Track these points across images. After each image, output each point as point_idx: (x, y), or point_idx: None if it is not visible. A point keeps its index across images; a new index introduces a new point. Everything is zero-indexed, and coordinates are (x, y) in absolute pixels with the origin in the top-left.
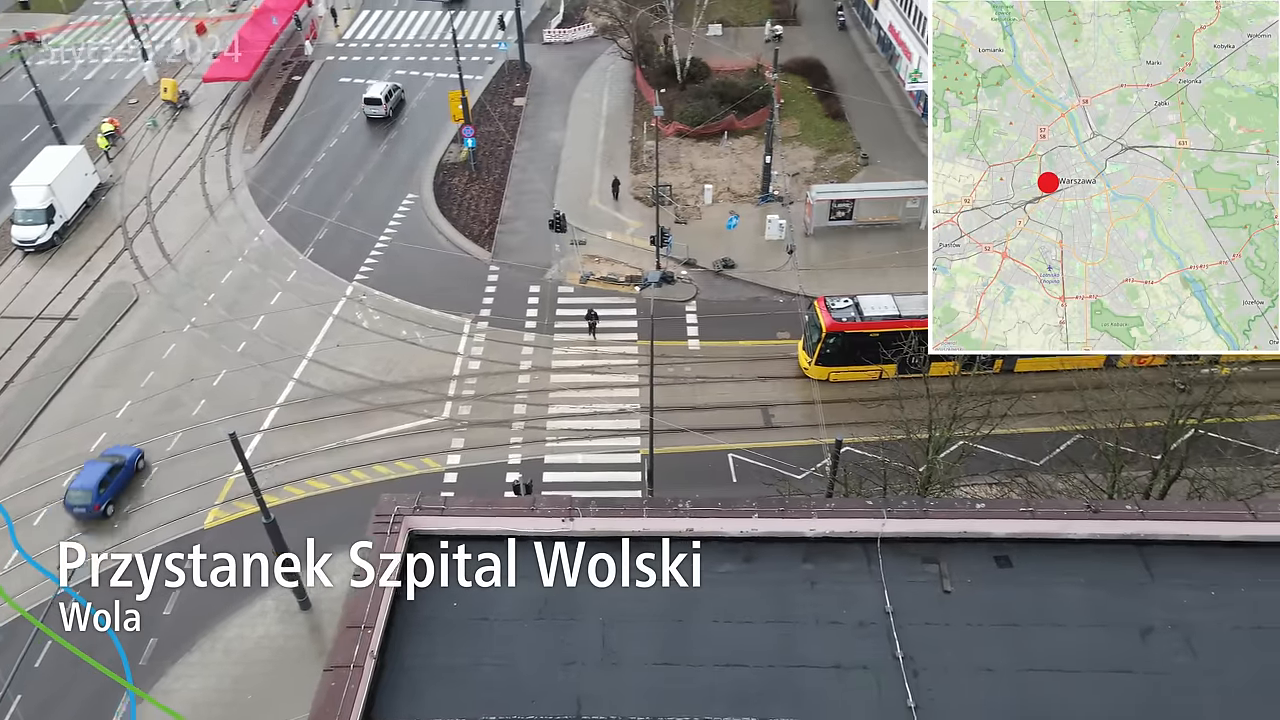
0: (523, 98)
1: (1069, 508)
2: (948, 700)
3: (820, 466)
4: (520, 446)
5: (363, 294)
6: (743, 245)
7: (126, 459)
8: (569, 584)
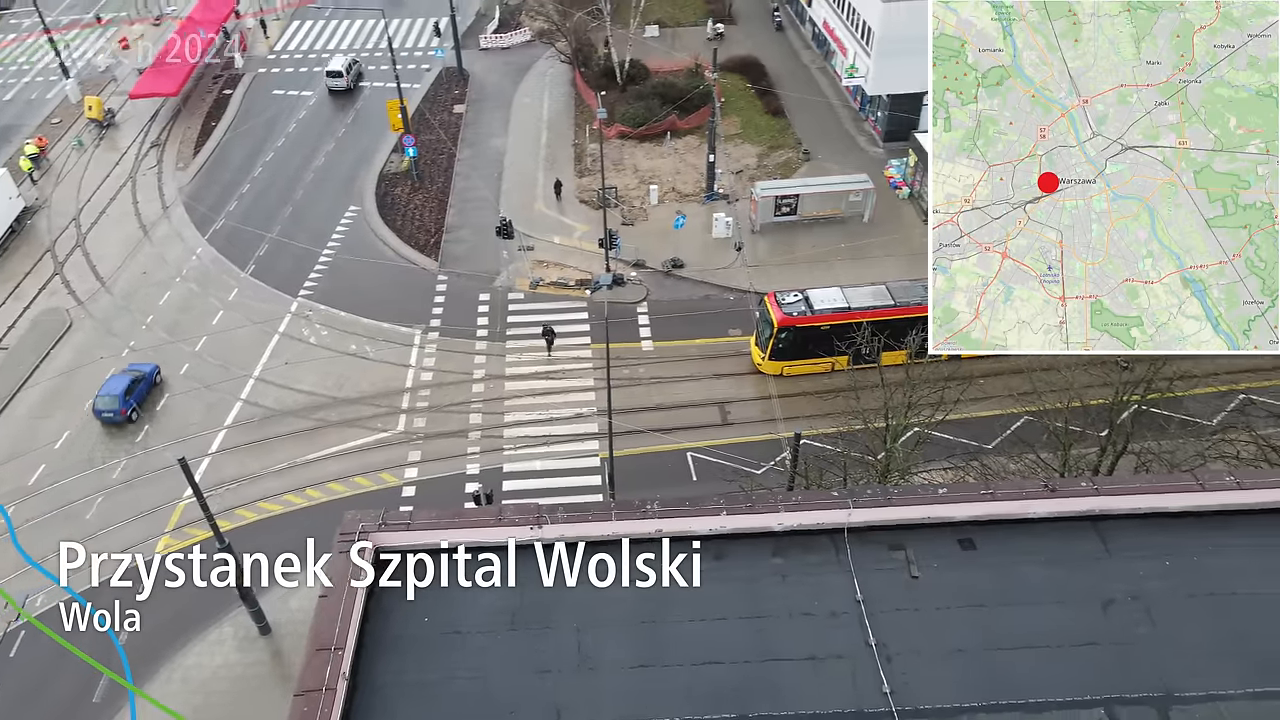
0: (462, 105)
1: (1027, 488)
2: (921, 683)
3: (780, 460)
4: (478, 456)
5: (309, 309)
6: (691, 244)
7: (146, 372)
8: (540, 592)
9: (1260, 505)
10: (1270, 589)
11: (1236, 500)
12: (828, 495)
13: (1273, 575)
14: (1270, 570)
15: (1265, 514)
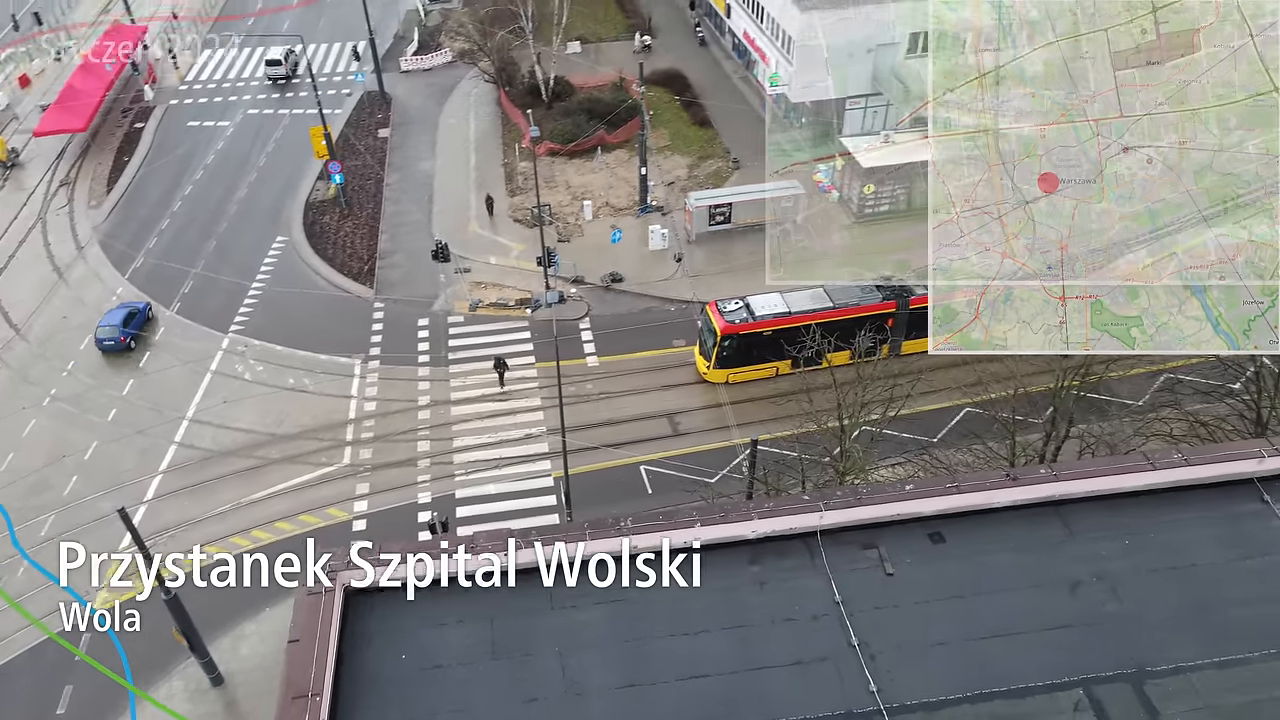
0: (387, 128)
1: (990, 479)
2: (906, 679)
3: (734, 466)
4: (429, 484)
5: (241, 345)
6: (628, 258)
7: (140, 306)
8: (519, 618)
9: (1207, 480)
10: (1224, 559)
11: (1185, 476)
12: (798, 500)
13: (1225, 546)
14: (1222, 541)
15: (1212, 488)
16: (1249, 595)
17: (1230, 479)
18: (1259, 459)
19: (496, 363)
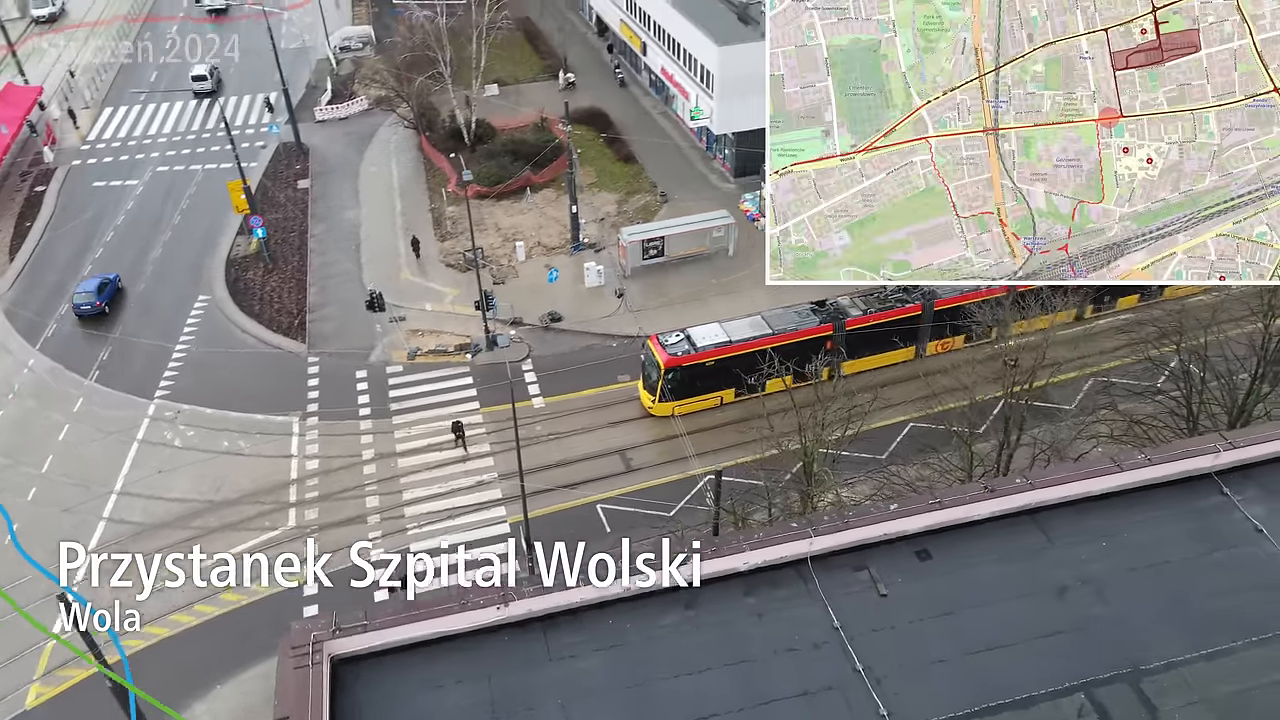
0: (306, 179)
1: (969, 492)
2: (914, 701)
3: (692, 498)
4: (381, 540)
5: (169, 410)
6: (565, 296)
7: (111, 277)
8: (516, 674)
9: (1170, 477)
10: (1195, 553)
11: (1149, 476)
12: (787, 527)
13: (1194, 540)
14: (1191, 535)
15: (1175, 484)
16: (1222, 587)
17: (1190, 475)
18: (1215, 454)
19: (454, 426)
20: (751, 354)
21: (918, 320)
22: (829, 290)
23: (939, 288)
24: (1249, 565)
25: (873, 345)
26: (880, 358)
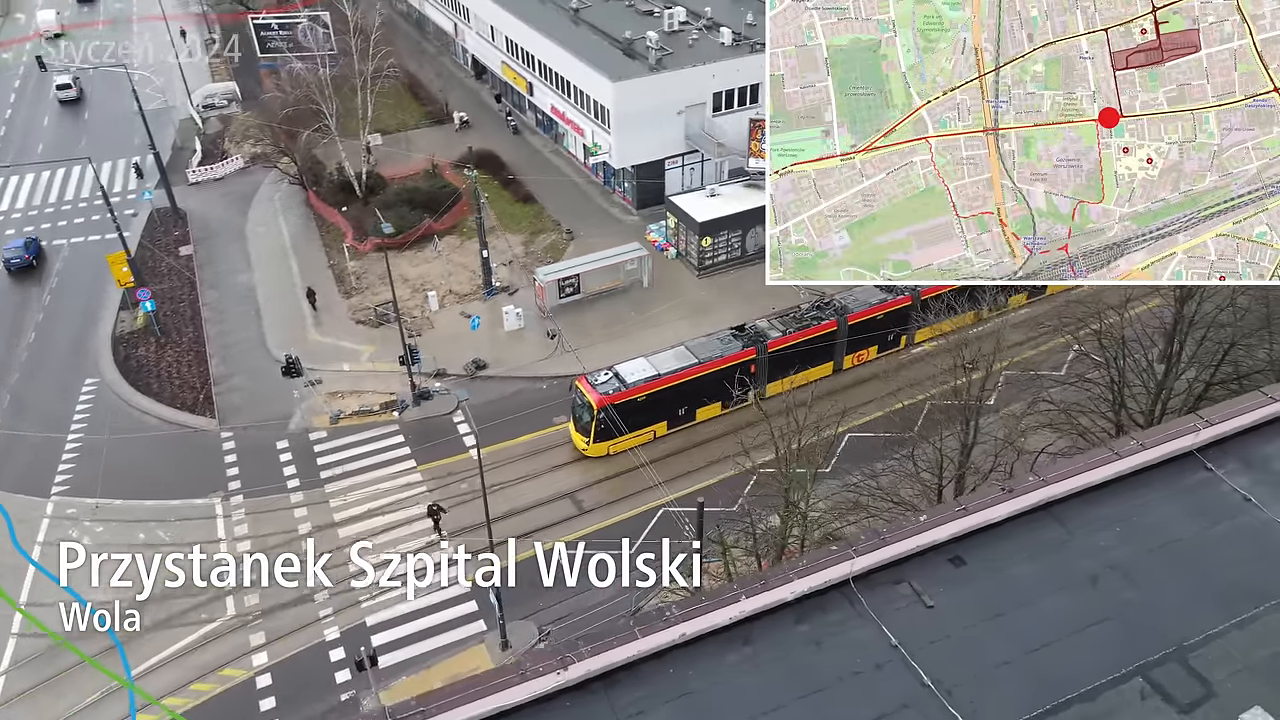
0: (188, 245)
1: (989, 495)
2: (989, 707)
3: (650, 532)
4: (334, 617)
5: (70, 508)
6: (486, 343)
7: (34, 238)
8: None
9: (1159, 459)
10: (1199, 528)
11: (1142, 460)
12: (828, 551)
13: (1194, 516)
14: (1190, 512)
15: (1163, 465)
16: (1233, 557)
17: (1175, 455)
18: (1195, 433)
19: (430, 511)
20: (681, 385)
21: (834, 336)
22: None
23: (850, 303)
24: (1248, 533)
25: (793, 365)
26: (801, 376)
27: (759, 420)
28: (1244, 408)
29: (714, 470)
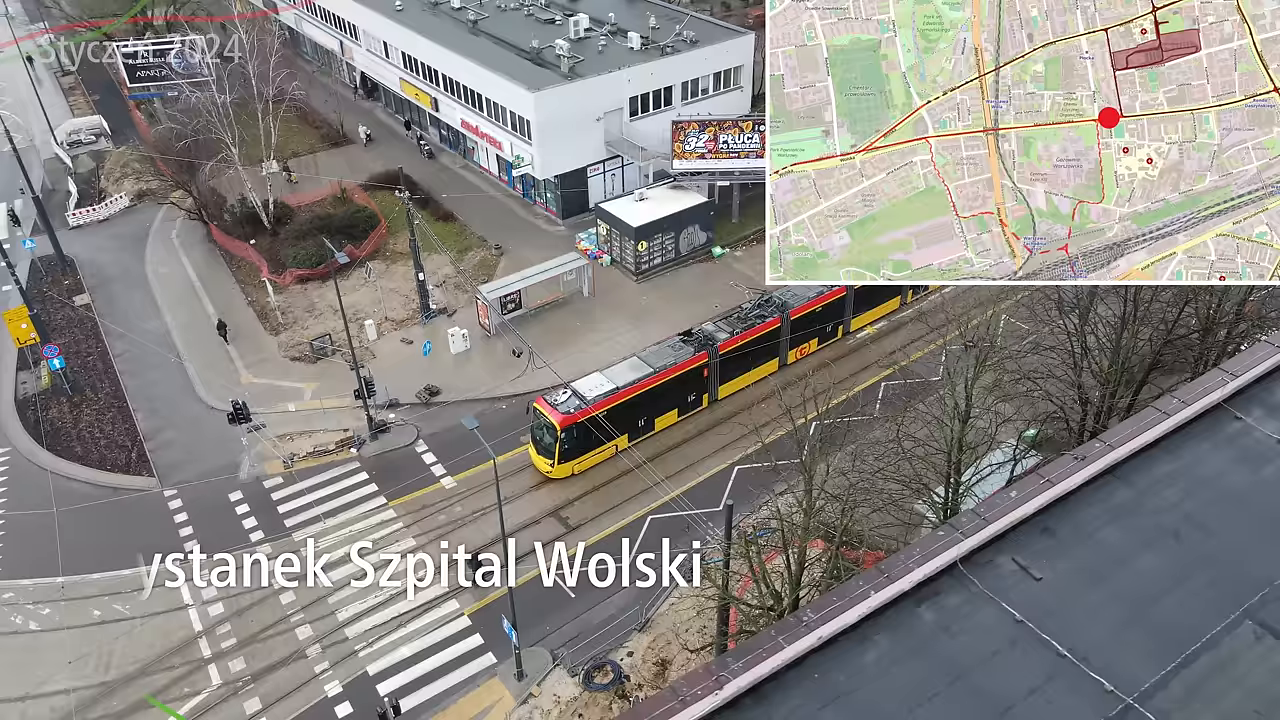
0: (83, 294)
1: (1064, 466)
2: (1126, 669)
3: (642, 541)
4: (331, 671)
5: (7, 592)
6: (433, 368)
7: None
8: None
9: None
10: (1250, 475)
11: (1183, 416)
12: (936, 536)
13: (1241, 464)
14: (1236, 461)
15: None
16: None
17: (1208, 409)
18: (1222, 386)
19: (472, 560)
20: (640, 396)
21: (778, 333)
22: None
23: (790, 299)
24: None
25: (742, 365)
26: (750, 375)
27: (720, 421)
28: (1258, 358)
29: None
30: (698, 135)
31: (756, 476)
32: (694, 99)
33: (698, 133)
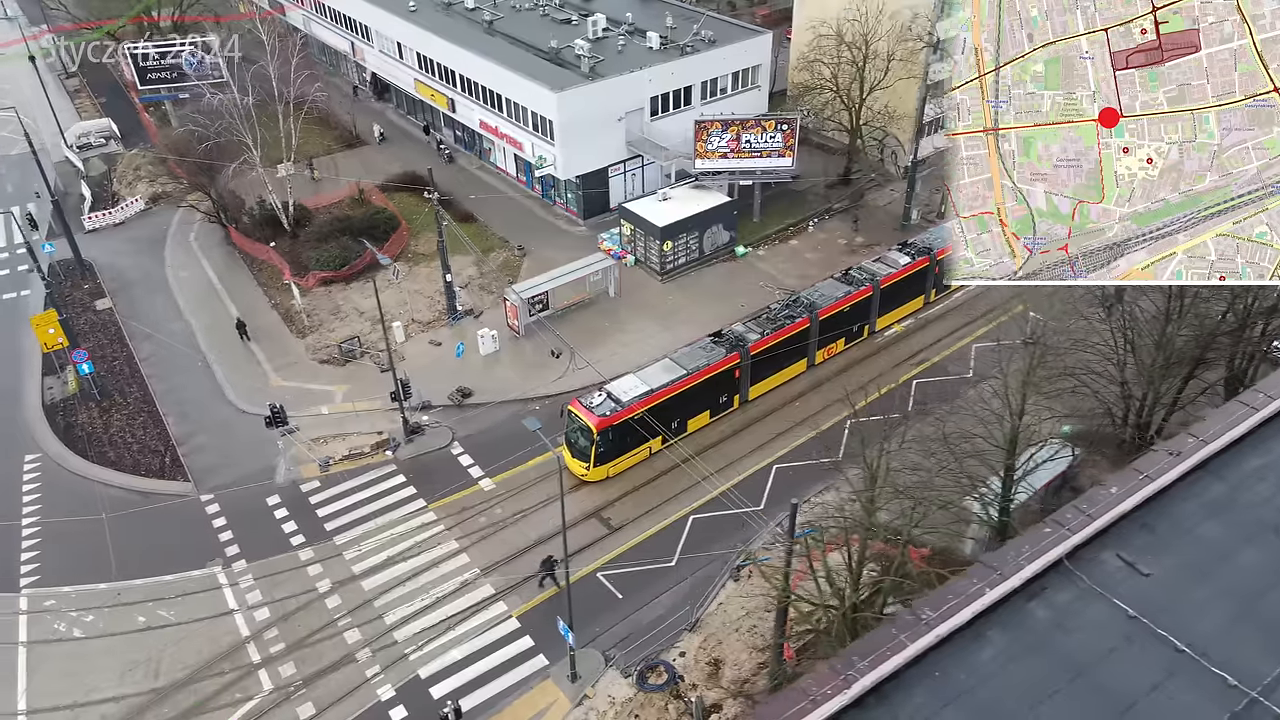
0: (105, 298)
1: (1159, 461)
2: (1246, 661)
3: (685, 544)
4: (383, 675)
5: (48, 600)
6: (462, 369)
7: None
8: None
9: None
10: None
11: (1270, 411)
12: (1040, 533)
13: None
14: None
15: None
16: None
17: None
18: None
19: (546, 563)
20: (675, 397)
21: (807, 334)
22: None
23: (818, 299)
24: None
25: (772, 365)
26: (779, 376)
27: (752, 421)
28: None
29: (727, 474)
30: (720, 134)
31: (796, 475)
32: (713, 98)
33: (720, 132)
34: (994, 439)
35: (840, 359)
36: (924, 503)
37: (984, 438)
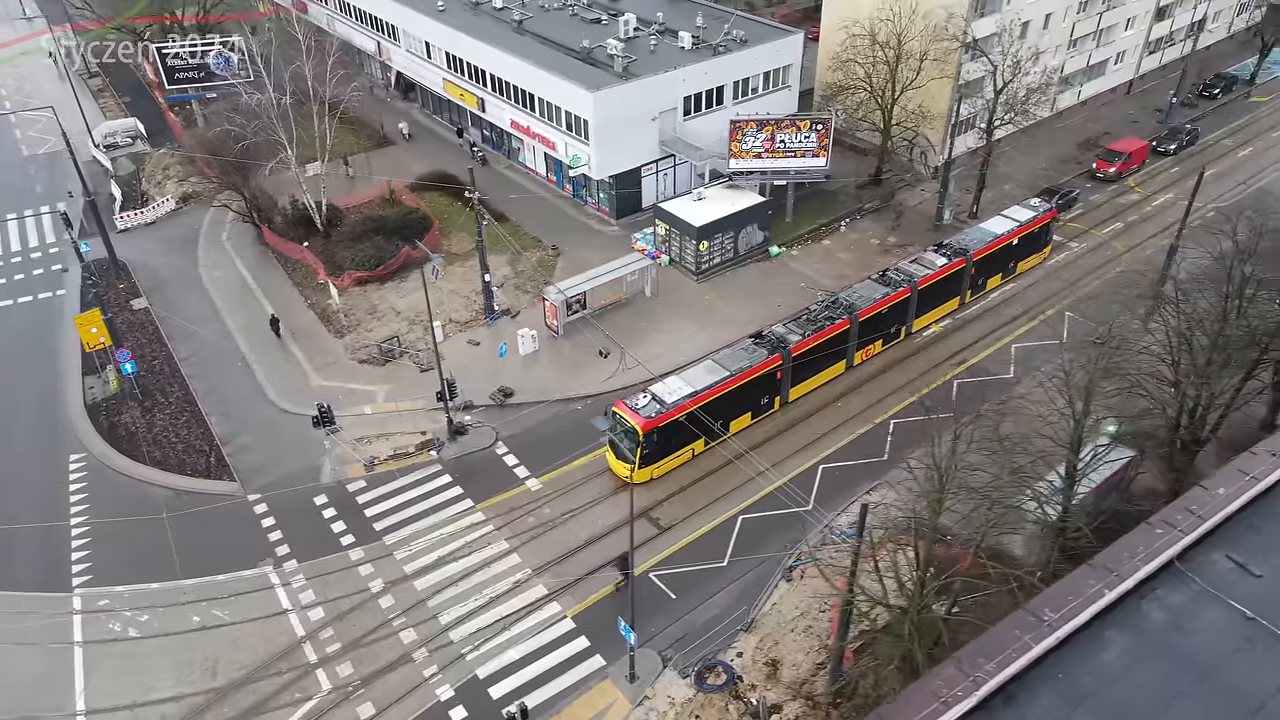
0: (140, 297)
1: (1260, 461)
2: None
3: (735, 546)
4: (440, 675)
5: (102, 599)
6: (503, 369)
7: None
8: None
9: None
10: None
11: None
12: (1150, 533)
13: None
14: None
15: None
16: None
17: None
18: None
19: (620, 561)
20: (719, 399)
21: (847, 335)
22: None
23: (857, 300)
24: None
25: (813, 367)
26: (819, 377)
27: (795, 422)
28: None
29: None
30: (755, 134)
31: (843, 475)
32: (744, 98)
33: (755, 132)
34: (1058, 438)
35: (878, 360)
36: (996, 503)
37: (1051, 437)
